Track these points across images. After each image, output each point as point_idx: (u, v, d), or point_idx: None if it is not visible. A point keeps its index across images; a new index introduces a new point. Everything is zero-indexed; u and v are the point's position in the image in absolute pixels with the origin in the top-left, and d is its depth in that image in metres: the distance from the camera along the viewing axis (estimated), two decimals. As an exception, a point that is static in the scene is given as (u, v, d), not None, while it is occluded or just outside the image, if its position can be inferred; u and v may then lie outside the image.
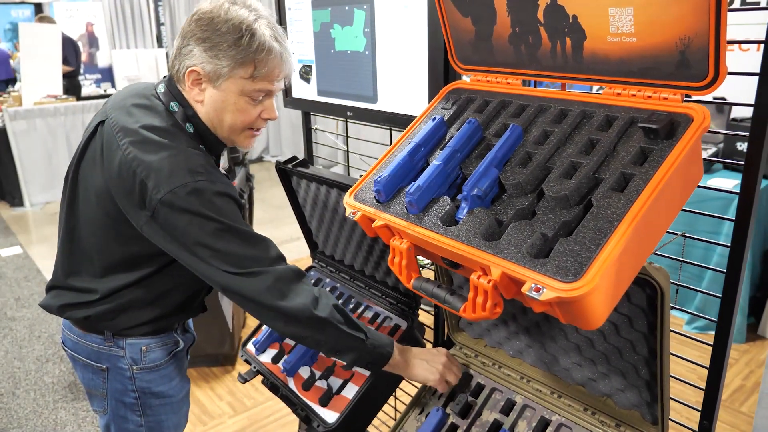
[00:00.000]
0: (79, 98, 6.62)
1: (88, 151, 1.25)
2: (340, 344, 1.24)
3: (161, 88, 1.24)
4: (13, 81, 9.08)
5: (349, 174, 2.12)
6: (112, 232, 1.23)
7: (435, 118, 1.11)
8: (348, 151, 2.09)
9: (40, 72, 6.25)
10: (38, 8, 12.54)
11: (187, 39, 1.17)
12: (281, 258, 1.21)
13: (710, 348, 1.06)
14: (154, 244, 1.18)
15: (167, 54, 9.33)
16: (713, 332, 1.05)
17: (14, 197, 6.20)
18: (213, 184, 1.14)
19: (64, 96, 6.41)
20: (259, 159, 8.10)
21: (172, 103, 1.22)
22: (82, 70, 8.61)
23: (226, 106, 1.19)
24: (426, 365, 1.31)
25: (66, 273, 1.33)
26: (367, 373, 1.48)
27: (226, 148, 1.41)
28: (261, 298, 1.16)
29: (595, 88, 1.03)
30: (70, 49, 6.94)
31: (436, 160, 1.00)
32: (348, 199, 1.10)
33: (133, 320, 1.31)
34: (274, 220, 5.40)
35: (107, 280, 1.27)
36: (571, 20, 0.94)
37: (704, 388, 1.09)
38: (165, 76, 1.26)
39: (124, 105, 1.23)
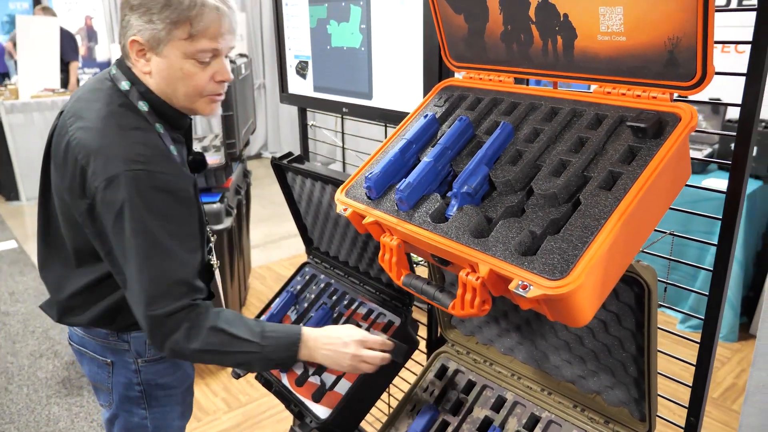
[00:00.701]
0: (76, 92, 6.59)
1: (52, 144, 1.24)
2: (230, 363, 1.21)
3: (113, 70, 1.22)
4: (7, 74, 9.04)
5: (345, 170, 2.12)
6: (74, 223, 1.21)
7: (427, 115, 1.11)
8: (344, 148, 2.10)
9: (37, 65, 6.24)
10: (36, 1, 12.49)
11: (124, 11, 1.14)
12: (185, 283, 1.15)
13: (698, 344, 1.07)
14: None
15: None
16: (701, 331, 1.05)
17: (10, 191, 6.19)
18: (149, 175, 1.10)
19: (62, 89, 6.39)
20: (258, 155, 8.10)
21: (123, 83, 1.20)
22: (81, 64, 8.58)
23: (173, 72, 1.16)
24: (331, 360, 1.25)
25: (46, 268, 1.33)
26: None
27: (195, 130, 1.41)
28: (140, 320, 1.14)
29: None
30: (70, 42, 6.92)
31: (427, 158, 1.01)
32: (339, 196, 1.10)
33: (124, 320, 1.30)
34: (273, 217, 5.40)
35: (80, 275, 1.27)
36: (562, 19, 0.95)
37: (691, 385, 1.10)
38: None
39: (80, 93, 1.23)
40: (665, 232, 1.15)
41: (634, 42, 0.87)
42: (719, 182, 3.14)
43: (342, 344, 1.25)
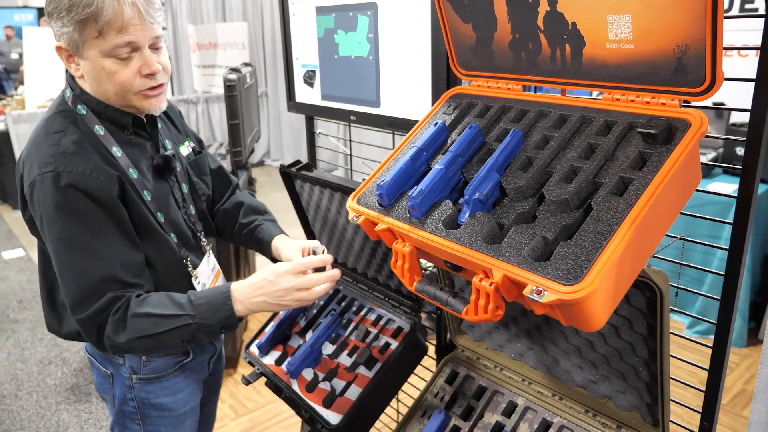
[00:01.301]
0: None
1: None
2: (170, 342, 1.18)
3: (67, 79, 1.24)
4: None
5: (351, 177, 2.13)
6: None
7: (436, 123, 1.12)
8: (351, 155, 2.11)
9: (43, 76, 6.28)
10: (41, 12, 12.59)
11: (46, 18, 1.15)
12: (110, 280, 1.14)
13: (711, 351, 1.07)
14: None
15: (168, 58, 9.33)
16: (714, 336, 1.06)
17: (17, 200, 6.22)
18: (57, 176, 1.10)
19: (67, 100, 6.43)
20: (261, 163, 8.12)
21: (67, 90, 1.22)
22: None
23: (98, 73, 1.15)
24: (269, 304, 1.19)
25: (41, 284, 1.35)
26: (370, 375, 1.49)
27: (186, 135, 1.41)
28: (69, 304, 1.16)
29: (595, 93, 1.05)
30: None
31: (438, 165, 1.02)
32: (351, 203, 1.11)
33: None
34: (276, 224, 5.41)
35: (47, 282, 1.31)
36: (570, 27, 0.96)
37: (704, 390, 1.10)
38: None
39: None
40: (675, 237, 1.16)
41: (643, 49, 0.88)
42: (724, 186, 3.15)
43: (270, 283, 1.18)
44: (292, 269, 1.19)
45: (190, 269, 1.33)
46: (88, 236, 1.13)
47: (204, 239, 1.41)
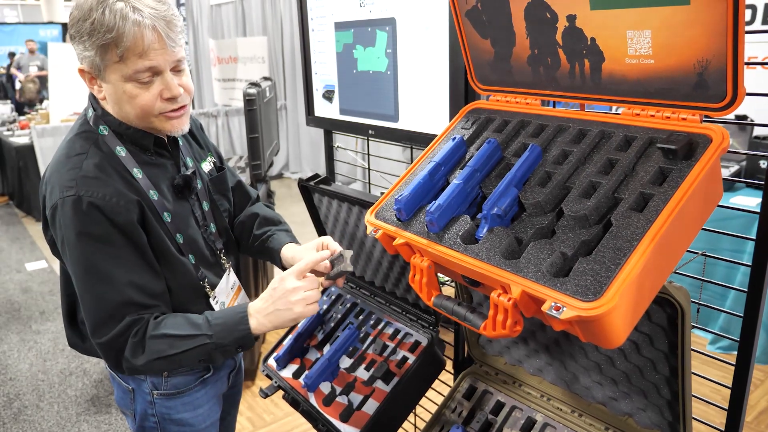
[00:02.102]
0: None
1: None
2: (188, 362, 1.19)
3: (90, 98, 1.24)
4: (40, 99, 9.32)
5: (369, 191, 2.14)
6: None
7: (455, 137, 1.13)
8: (369, 169, 2.12)
9: (67, 90, 6.42)
10: (65, 27, 12.89)
11: (69, 40, 1.16)
12: (128, 304, 1.15)
13: (734, 368, 1.06)
14: None
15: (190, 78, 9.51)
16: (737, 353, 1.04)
17: (41, 213, 6.33)
18: (78, 200, 1.11)
19: (90, 114, 6.56)
20: (279, 176, 8.18)
21: (89, 110, 1.23)
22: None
23: (120, 96, 1.15)
24: (281, 317, 1.17)
25: (62, 300, 1.37)
26: (388, 389, 1.49)
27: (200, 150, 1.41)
28: (89, 328, 1.17)
29: (614, 108, 1.04)
30: None
31: (457, 179, 1.02)
32: (369, 217, 1.12)
33: None
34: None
35: (71, 302, 1.32)
36: (589, 42, 0.96)
37: (727, 408, 1.08)
38: None
39: None
40: (697, 253, 1.14)
41: (663, 65, 0.88)
42: (747, 199, 3.10)
43: (275, 290, 1.18)
44: (295, 271, 1.19)
45: (207, 290, 1.32)
46: (108, 261, 1.14)
47: (224, 257, 1.41)
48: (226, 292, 1.40)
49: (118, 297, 1.14)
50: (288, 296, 1.17)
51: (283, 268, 1.42)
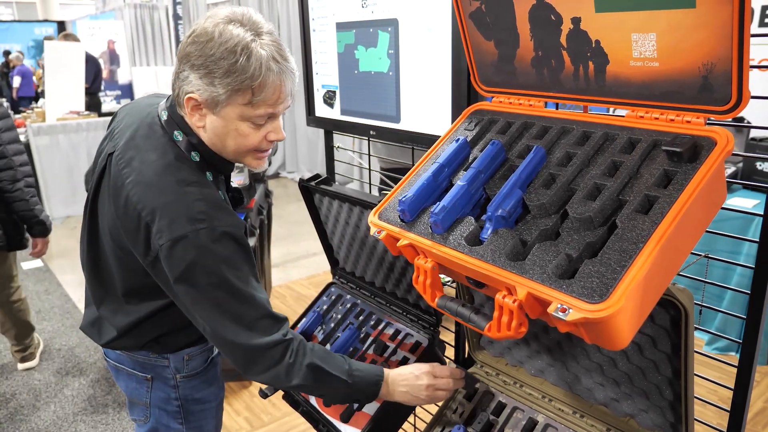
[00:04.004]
0: (100, 115, 6.75)
1: (102, 184, 1.26)
2: (317, 395, 1.29)
3: (164, 116, 1.21)
4: (35, 98, 9.28)
5: (369, 191, 2.14)
6: (128, 265, 1.24)
7: (458, 139, 1.13)
8: (369, 169, 2.12)
9: (63, 88, 6.40)
10: (61, 26, 12.84)
11: (183, 63, 1.12)
12: (266, 317, 1.18)
13: (731, 369, 1.06)
14: None
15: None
16: (734, 353, 1.05)
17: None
18: (212, 231, 1.12)
19: (86, 112, 6.54)
20: (276, 175, 8.18)
21: (175, 132, 1.20)
22: (102, 87, 8.80)
23: (228, 132, 1.15)
24: (410, 396, 1.30)
25: (98, 302, 1.36)
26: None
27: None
28: (235, 360, 1.19)
29: (613, 110, 1.05)
30: (90, 67, 7.11)
31: (461, 181, 1.02)
32: (373, 218, 1.12)
33: (173, 343, 1.36)
34: (291, 236, 5.43)
35: (134, 309, 1.30)
36: (593, 45, 0.96)
37: (728, 409, 1.09)
38: (168, 97, 1.24)
39: (131, 137, 1.22)
40: (700, 255, 1.15)
41: (668, 67, 0.88)
42: (745, 201, 3.12)
43: (415, 377, 1.29)
44: (433, 370, 1.31)
45: None
46: (245, 280, 1.16)
47: None
48: None
49: (258, 312, 1.17)
50: (422, 388, 1.29)
51: None
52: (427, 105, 1.58)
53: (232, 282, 1.14)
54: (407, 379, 1.29)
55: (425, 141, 1.61)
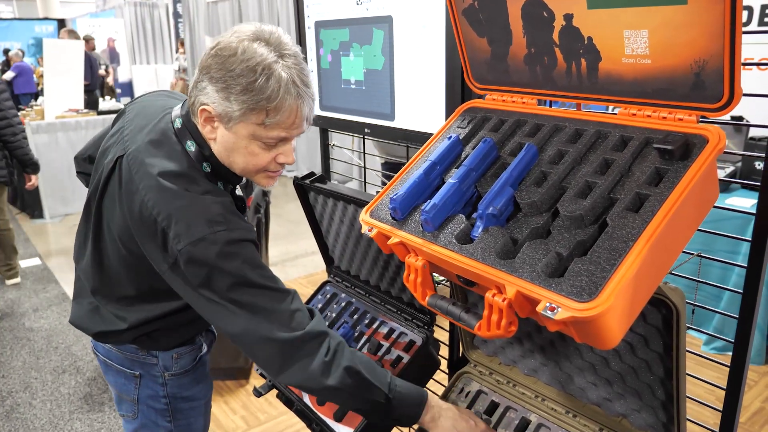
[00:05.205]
0: (98, 113, 6.75)
1: (109, 186, 1.24)
2: (353, 406, 1.21)
3: (177, 123, 1.20)
4: (35, 95, 9.28)
5: (365, 190, 2.14)
6: (138, 268, 1.23)
7: (451, 136, 1.12)
8: (365, 167, 2.11)
9: (62, 86, 6.39)
10: (61, 24, 12.84)
11: (202, 74, 1.11)
12: (298, 311, 1.16)
13: (728, 369, 1.05)
14: None
15: (179, 68, 9.49)
16: (731, 352, 1.04)
17: (34, 209, 6.31)
18: (231, 232, 1.11)
19: (85, 110, 6.53)
20: (275, 173, 8.16)
21: (188, 142, 1.19)
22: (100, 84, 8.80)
23: (237, 148, 1.15)
24: (451, 428, 1.23)
25: (96, 293, 1.35)
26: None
27: None
28: (270, 360, 1.15)
29: (611, 108, 1.04)
30: (86, 65, 7.10)
31: (452, 179, 1.01)
32: (364, 216, 1.11)
33: (164, 342, 1.36)
34: (290, 235, 5.43)
35: (136, 310, 1.30)
36: (586, 42, 0.96)
37: (721, 410, 1.08)
38: (183, 103, 1.24)
39: (142, 141, 1.20)
40: (693, 254, 1.14)
41: (660, 64, 0.88)
42: (743, 200, 3.11)
43: (466, 418, 1.24)
44: (482, 425, 1.25)
45: None
46: (268, 279, 1.15)
47: None
48: None
49: (288, 307, 1.15)
50: (468, 428, 1.22)
51: None
52: (421, 103, 1.57)
53: (258, 280, 1.12)
54: (455, 416, 1.24)
55: (419, 139, 1.60)
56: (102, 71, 9.22)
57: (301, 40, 1.97)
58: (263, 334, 1.12)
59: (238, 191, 1.38)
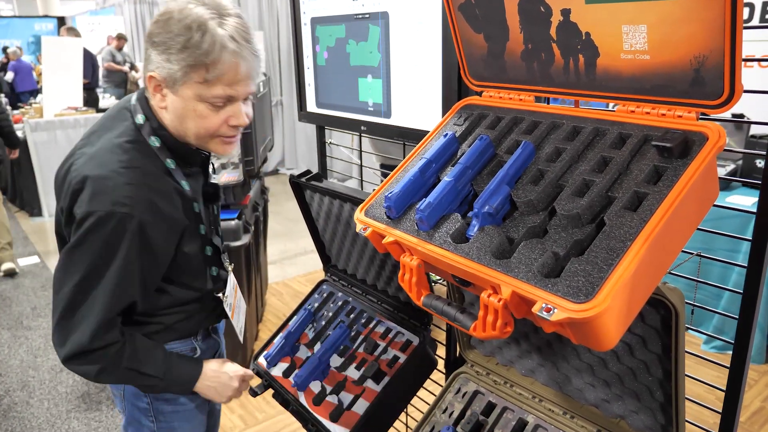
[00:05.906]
0: (98, 110, 6.73)
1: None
2: (129, 385, 1.31)
3: (133, 99, 1.22)
4: (36, 92, 9.25)
5: (362, 188, 2.12)
6: None
7: (446, 134, 1.10)
8: (362, 165, 2.09)
9: (61, 84, 6.37)
10: (61, 21, 12.82)
11: (147, 43, 1.13)
12: (105, 321, 1.15)
13: (728, 370, 1.04)
14: None
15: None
16: (731, 352, 1.02)
17: (33, 207, 6.30)
18: (130, 219, 1.09)
19: (84, 108, 6.51)
20: (275, 172, 8.15)
21: (138, 116, 1.19)
22: (100, 83, 8.76)
23: (186, 112, 1.14)
24: (214, 392, 1.37)
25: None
26: (378, 389, 1.47)
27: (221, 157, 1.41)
28: (63, 344, 1.16)
29: (609, 105, 1.03)
30: (87, 62, 7.08)
31: (447, 177, 1.00)
32: (359, 215, 1.09)
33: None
34: (289, 233, 5.42)
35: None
36: (584, 37, 0.94)
37: (720, 411, 1.07)
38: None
39: (103, 118, 1.24)
40: (692, 253, 1.13)
41: (659, 60, 0.86)
42: (743, 199, 3.09)
43: (229, 378, 1.38)
44: (245, 374, 1.43)
45: (220, 295, 1.39)
46: (117, 275, 1.13)
47: (226, 259, 1.43)
48: (231, 293, 1.44)
49: (103, 319, 1.15)
50: (227, 390, 1.39)
51: None
52: (418, 100, 1.56)
53: (103, 269, 1.12)
54: (219, 377, 1.37)
55: (416, 136, 1.58)
56: (126, 68, 9.25)
57: (297, 36, 1.95)
58: (64, 324, 1.15)
59: (227, 178, 1.37)
